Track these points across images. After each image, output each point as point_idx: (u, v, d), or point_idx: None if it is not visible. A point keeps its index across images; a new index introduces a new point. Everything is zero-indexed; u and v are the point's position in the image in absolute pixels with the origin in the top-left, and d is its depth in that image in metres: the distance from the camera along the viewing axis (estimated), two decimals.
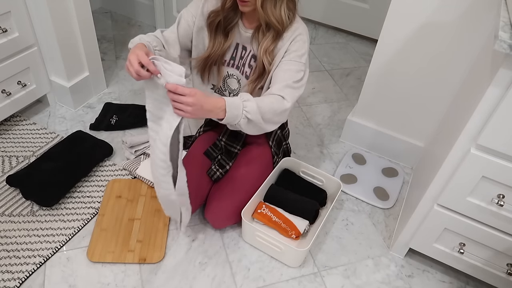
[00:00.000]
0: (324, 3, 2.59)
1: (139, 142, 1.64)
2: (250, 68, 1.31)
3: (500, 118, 0.94)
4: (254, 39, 1.26)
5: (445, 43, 1.39)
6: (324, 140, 1.86)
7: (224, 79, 1.36)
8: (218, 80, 1.37)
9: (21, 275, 1.24)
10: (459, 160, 1.07)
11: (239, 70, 1.33)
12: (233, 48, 1.31)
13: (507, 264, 1.18)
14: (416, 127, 1.65)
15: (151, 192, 1.52)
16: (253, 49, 1.28)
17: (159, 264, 1.31)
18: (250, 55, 1.29)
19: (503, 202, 1.05)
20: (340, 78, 2.26)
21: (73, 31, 1.70)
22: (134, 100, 1.96)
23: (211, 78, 1.38)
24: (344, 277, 1.34)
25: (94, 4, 2.57)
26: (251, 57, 1.29)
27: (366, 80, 1.63)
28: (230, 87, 1.37)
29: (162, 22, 2.37)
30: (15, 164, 1.58)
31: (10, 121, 1.76)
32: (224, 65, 1.34)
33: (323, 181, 1.53)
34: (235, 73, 1.34)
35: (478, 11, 1.28)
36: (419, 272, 1.38)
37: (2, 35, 1.50)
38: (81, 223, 1.40)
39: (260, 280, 1.30)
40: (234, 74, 1.34)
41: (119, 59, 2.23)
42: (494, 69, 0.93)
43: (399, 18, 1.42)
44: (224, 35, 1.28)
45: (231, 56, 1.32)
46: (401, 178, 1.69)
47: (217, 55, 1.30)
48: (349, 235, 1.47)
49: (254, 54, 1.29)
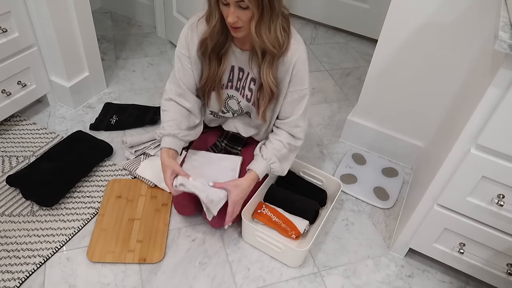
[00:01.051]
0: (324, 3, 2.59)
1: (139, 142, 1.64)
2: (251, 92, 1.29)
3: (500, 118, 0.94)
4: (253, 63, 1.22)
5: (445, 43, 1.39)
6: (324, 140, 1.86)
7: (226, 101, 1.35)
8: (219, 105, 1.34)
9: (21, 275, 1.24)
10: (459, 160, 1.07)
11: (239, 92, 1.31)
12: (228, 71, 1.28)
13: (507, 264, 1.18)
14: (416, 127, 1.65)
15: (151, 192, 1.52)
16: (253, 73, 1.25)
17: (159, 264, 1.31)
18: (249, 79, 1.27)
19: (503, 202, 1.05)
20: (340, 78, 2.26)
21: (73, 31, 1.70)
22: (134, 100, 1.96)
23: (210, 104, 1.35)
24: (344, 277, 1.34)
25: (94, 4, 2.57)
26: (250, 80, 1.27)
27: (366, 80, 1.63)
28: (232, 108, 1.36)
29: (162, 22, 2.37)
30: (15, 164, 1.58)
31: (10, 121, 1.76)
32: (223, 88, 1.32)
33: (323, 181, 1.53)
34: (235, 95, 1.33)
35: (478, 11, 1.28)
36: (419, 272, 1.38)
37: (2, 35, 1.50)
38: (81, 223, 1.41)
39: (260, 280, 1.30)
40: (234, 96, 1.33)
41: (119, 59, 2.23)
42: (494, 69, 0.93)
43: (399, 18, 1.42)
44: (217, 60, 1.24)
45: (228, 78, 1.30)
46: (401, 178, 1.69)
47: (214, 81, 1.27)
48: (349, 235, 1.47)
49: (253, 78, 1.26)
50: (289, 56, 1.18)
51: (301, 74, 1.22)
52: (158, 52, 2.32)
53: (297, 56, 1.19)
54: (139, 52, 2.31)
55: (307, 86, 1.25)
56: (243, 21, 1.07)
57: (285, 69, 1.20)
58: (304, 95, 1.26)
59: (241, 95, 1.31)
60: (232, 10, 1.04)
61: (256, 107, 1.30)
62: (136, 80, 2.09)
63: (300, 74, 1.22)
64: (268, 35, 1.10)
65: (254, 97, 1.29)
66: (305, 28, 2.67)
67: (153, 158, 1.61)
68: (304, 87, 1.25)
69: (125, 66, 2.18)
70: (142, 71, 2.16)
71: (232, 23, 1.07)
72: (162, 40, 2.43)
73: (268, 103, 1.26)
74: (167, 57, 2.28)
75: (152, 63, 2.23)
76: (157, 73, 2.15)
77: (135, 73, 2.14)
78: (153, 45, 2.38)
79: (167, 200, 1.50)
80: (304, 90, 1.26)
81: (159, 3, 2.30)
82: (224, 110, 1.37)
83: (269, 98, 1.24)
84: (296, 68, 1.20)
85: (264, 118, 1.30)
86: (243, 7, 1.04)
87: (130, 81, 2.08)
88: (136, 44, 2.37)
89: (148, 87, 2.06)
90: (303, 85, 1.25)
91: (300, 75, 1.22)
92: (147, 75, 2.13)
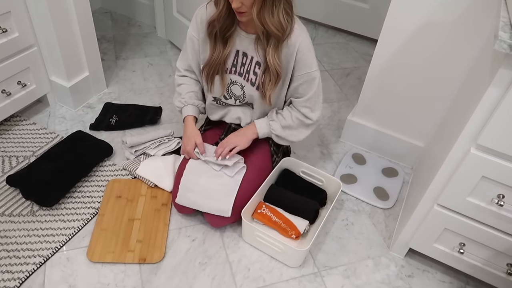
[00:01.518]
0: (324, 3, 2.59)
1: (139, 142, 1.64)
2: (255, 75, 1.30)
3: (500, 118, 0.94)
4: (259, 46, 1.25)
5: (445, 43, 1.39)
6: (324, 140, 1.86)
7: (228, 86, 1.36)
8: (222, 90, 1.37)
9: (21, 275, 1.24)
10: (459, 160, 1.07)
11: (243, 77, 1.33)
12: (233, 55, 1.31)
13: (507, 264, 1.18)
14: (416, 127, 1.65)
15: (151, 192, 1.52)
16: (259, 56, 1.27)
17: (159, 264, 1.31)
18: (254, 63, 1.29)
19: (503, 202, 1.05)
20: (340, 78, 2.26)
21: (73, 31, 1.70)
22: (134, 100, 1.96)
23: (213, 89, 1.38)
24: (344, 277, 1.34)
25: (94, 4, 2.57)
26: (255, 64, 1.29)
27: (366, 80, 1.63)
28: (235, 94, 1.38)
29: (162, 22, 2.37)
30: (15, 164, 1.58)
31: (10, 121, 1.76)
32: (227, 73, 1.34)
33: (323, 181, 1.53)
34: (238, 80, 1.34)
35: (478, 11, 1.28)
36: (419, 272, 1.38)
37: (2, 35, 1.50)
38: (81, 223, 1.40)
39: (260, 280, 1.30)
40: (237, 81, 1.34)
41: (119, 59, 2.23)
42: (494, 69, 0.93)
43: (399, 18, 1.42)
44: (223, 43, 1.27)
45: (232, 63, 1.32)
46: (401, 178, 1.69)
47: (218, 63, 1.30)
48: (349, 235, 1.47)
49: (258, 61, 1.28)
50: (292, 39, 1.21)
51: (306, 57, 1.24)
52: (158, 52, 2.32)
53: (300, 40, 1.22)
54: (139, 52, 2.31)
55: (315, 69, 1.27)
56: (247, 6, 1.11)
57: (290, 52, 1.23)
58: (314, 77, 1.28)
59: (245, 79, 1.33)
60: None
61: (261, 92, 1.32)
62: (136, 80, 2.09)
63: (305, 58, 1.24)
64: (271, 19, 1.13)
65: (259, 80, 1.30)
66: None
67: (153, 158, 1.61)
68: (312, 70, 1.27)
69: (125, 66, 2.18)
70: (142, 71, 2.16)
71: (236, 8, 1.11)
72: (162, 40, 2.43)
73: (274, 86, 1.28)
74: (167, 57, 2.28)
75: (152, 63, 2.23)
76: (157, 73, 2.15)
77: (135, 73, 2.14)
78: (153, 45, 2.38)
79: (167, 200, 1.50)
80: (313, 73, 1.28)
81: (159, 3, 2.30)
82: (226, 95, 1.39)
83: (275, 80, 1.26)
84: (301, 52, 1.23)
85: (270, 101, 1.32)
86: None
87: (130, 81, 2.08)
88: (136, 44, 2.37)
89: (148, 87, 2.06)
90: (311, 68, 1.27)
91: (305, 59, 1.25)
92: (147, 75, 2.13)
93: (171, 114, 1.90)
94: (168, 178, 1.53)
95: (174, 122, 1.86)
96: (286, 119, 1.36)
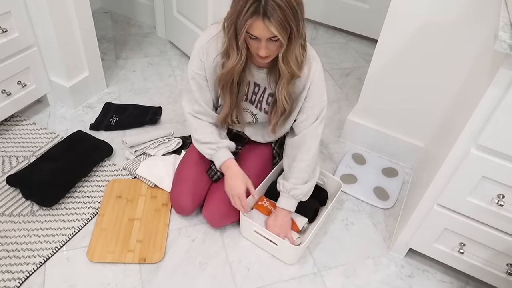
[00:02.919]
0: (324, 3, 2.59)
1: (139, 142, 1.64)
2: (268, 105, 1.29)
3: (500, 118, 0.94)
4: (271, 79, 1.22)
5: (445, 43, 1.39)
6: (324, 140, 1.85)
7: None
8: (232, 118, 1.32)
9: (21, 275, 1.24)
10: (459, 160, 1.07)
11: (255, 105, 1.31)
12: (245, 85, 1.26)
13: (507, 264, 1.18)
14: (416, 127, 1.65)
15: (151, 192, 1.52)
16: (271, 89, 1.25)
17: (159, 264, 1.31)
18: (267, 94, 1.28)
19: (503, 202, 1.05)
20: (340, 78, 2.26)
21: (73, 31, 1.70)
22: (134, 100, 1.96)
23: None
24: (344, 277, 1.34)
25: (94, 4, 2.57)
26: (268, 95, 1.28)
27: (366, 80, 1.63)
28: (245, 120, 1.37)
29: (162, 22, 2.37)
30: (15, 164, 1.58)
31: (10, 121, 1.76)
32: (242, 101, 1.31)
33: (324, 180, 1.53)
34: (249, 108, 1.33)
35: (477, 11, 1.28)
36: (419, 272, 1.38)
37: (2, 35, 1.50)
38: (81, 223, 1.40)
39: (260, 280, 1.30)
40: (249, 109, 1.33)
41: (119, 59, 2.23)
42: (494, 69, 0.93)
43: (399, 18, 1.42)
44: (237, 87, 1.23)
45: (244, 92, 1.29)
46: (401, 178, 1.69)
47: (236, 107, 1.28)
48: (349, 235, 1.47)
49: (271, 93, 1.27)
50: (305, 71, 1.18)
51: (319, 90, 1.23)
52: (158, 52, 2.32)
53: (313, 70, 1.19)
54: (139, 52, 2.31)
55: (325, 98, 1.26)
56: (272, 51, 1.08)
57: (302, 84, 1.21)
58: (323, 107, 1.27)
59: (257, 108, 1.32)
60: (264, 45, 1.05)
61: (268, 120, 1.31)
62: (136, 80, 2.09)
63: (318, 90, 1.23)
64: (293, 59, 1.11)
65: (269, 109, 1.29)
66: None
67: (153, 158, 1.61)
68: (323, 99, 1.26)
69: (125, 66, 2.18)
70: (142, 71, 2.16)
71: (264, 55, 1.07)
72: (162, 40, 2.43)
73: (280, 118, 1.27)
74: (167, 57, 2.28)
75: (152, 63, 2.23)
76: (157, 73, 2.15)
77: (135, 73, 2.14)
78: (153, 45, 2.38)
79: (167, 200, 1.50)
80: (323, 103, 1.26)
81: (159, 3, 2.30)
82: (235, 120, 1.34)
83: (281, 113, 1.25)
84: (314, 84, 1.21)
85: (274, 131, 1.31)
86: (274, 39, 1.04)
87: (130, 81, 2.08)
88: (136, 44, 2.37)
89: (148, 87, 2.06)
90: (321, 98, 1.25)
91: (318, 91, 1.23)
92: (147, 75, 2.13)
93: (171, 114, 1.90)
94: (168, 178, 1.53)
95: (174, 122, 1.86)
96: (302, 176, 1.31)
